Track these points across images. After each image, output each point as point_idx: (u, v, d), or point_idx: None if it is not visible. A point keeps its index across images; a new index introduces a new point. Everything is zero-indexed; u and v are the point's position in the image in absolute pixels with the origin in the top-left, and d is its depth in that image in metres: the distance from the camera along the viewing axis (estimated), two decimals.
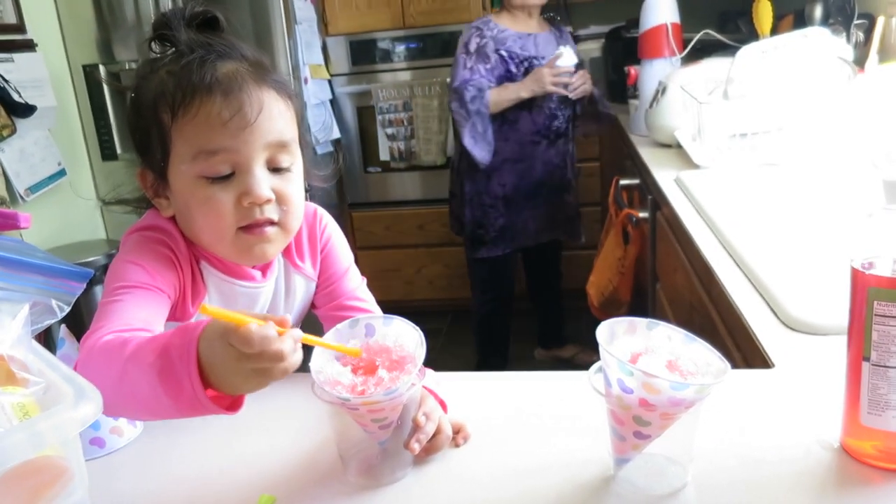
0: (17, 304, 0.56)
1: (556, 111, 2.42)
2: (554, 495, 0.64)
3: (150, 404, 0.63)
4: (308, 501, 0.66)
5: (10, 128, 2.53)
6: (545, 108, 2.40)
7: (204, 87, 0.75)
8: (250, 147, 0.76)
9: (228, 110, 0.74)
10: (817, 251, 1.15)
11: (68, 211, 2.81)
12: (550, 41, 2.44)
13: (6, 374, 0.52)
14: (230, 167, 0.76)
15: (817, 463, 0.66)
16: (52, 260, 0.59)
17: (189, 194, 0.78)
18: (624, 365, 0.58)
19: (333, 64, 3.24)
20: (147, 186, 0.83)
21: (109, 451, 0.77)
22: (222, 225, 0.77)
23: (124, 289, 0.74)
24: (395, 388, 0.62)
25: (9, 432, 0.47)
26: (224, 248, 0.80)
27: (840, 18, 1.91)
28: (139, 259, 0.78)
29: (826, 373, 0.79)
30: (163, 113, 0.76)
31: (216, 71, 0.76)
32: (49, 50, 2.76)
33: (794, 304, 0.97)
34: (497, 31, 2.37)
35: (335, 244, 0.93)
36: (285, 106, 0.80)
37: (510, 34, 2.38)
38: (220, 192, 0.76)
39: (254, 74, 0.78)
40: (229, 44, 0.80)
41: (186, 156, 0.76)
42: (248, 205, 0.76)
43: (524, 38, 2.40)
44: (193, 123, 0.75)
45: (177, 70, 0.76)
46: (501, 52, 2.35)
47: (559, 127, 2.45)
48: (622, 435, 0.62)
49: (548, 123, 2.42)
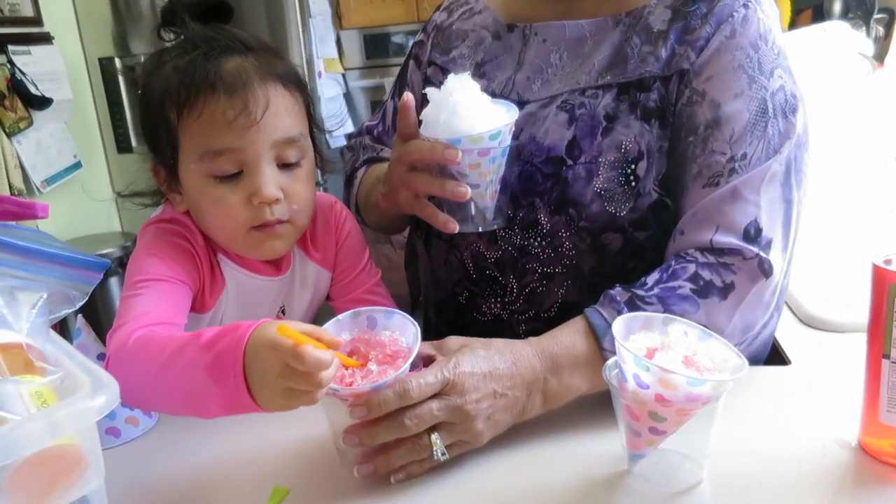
0: (34, 293, 0.57)
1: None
2: (567, 490, 0.64)
3: (189, 400, 0.64)
4: (321, 493, 0.66)
5: (27, 120, 2.55)
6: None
7: (208, 85, 0.74)
8: (257, 146, 0.75)
9: (233, 109, 0.74)
10: (835, 248, 1.14)
11: (83, 203, 2.83)
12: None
13: (25, 362, 0.52)
14: (238, 166, 0.76)
15: (834, 461, 0.65)
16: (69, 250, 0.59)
17: (199, 193, 0.78)
18: (640, 360, 0.58)
19: (347, 58, 3.24)
20: (161, 181, 0.83)
21: (125, 441, 0.78)
22: (233, 225, 0.77)
23: (145, 282, 0.75)
24: (382, 382, 0.63)
25: (27, 420, 0.47)
26: (236, 245, 0.81)
27: (860, 12, 1.89)
28: (158, 251, 0.78)
29: (843, 370, 0.79)
30: (169, 111, 0.76)
31: (220, 68, 0.75)
32: (66, 43, 2.78)
33: (811, 301, 0.96)
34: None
35: (352, 238, 0.92)
36: (293, 100, 0.79)
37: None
38: (229, 193, 0.76)
39: (259, 69, 0.76)
40: (234, 36, 0.78)
41: (193, 155, 0.76)
42: (257, 204, 0.76)
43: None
44: (199, 123, 0.75)
45: (182, 66, 0.76)
46: None
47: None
48: (637, 430, 0.62)
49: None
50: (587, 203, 0.81)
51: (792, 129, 0.78)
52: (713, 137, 0.78)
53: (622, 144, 0.81)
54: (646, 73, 0.82)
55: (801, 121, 0.79)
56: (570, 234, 0.83)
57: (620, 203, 0.81)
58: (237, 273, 0.84)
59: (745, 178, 0.76)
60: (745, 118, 0.77)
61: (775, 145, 0.77)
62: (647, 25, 0.83)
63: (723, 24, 0.79)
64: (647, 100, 0.81)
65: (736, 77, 0.78)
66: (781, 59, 0.80)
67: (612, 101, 0.83)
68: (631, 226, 0.82)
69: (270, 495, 0.65)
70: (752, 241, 0.74)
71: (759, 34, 0.79)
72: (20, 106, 2.51)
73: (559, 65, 0.88)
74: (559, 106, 0.85)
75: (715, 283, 0.74)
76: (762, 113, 0.77)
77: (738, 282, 0.74)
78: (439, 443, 0.65)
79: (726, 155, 0.77)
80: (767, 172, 0.76)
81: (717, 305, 0.73)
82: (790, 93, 0.79)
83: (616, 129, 0.82)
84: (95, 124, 2.98)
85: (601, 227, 0.82)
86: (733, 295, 0.74)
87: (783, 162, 0.77)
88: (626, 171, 0.81)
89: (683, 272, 0.74)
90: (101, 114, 2.96)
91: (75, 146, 2.76)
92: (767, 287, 0.75)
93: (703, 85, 0.79)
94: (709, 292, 0.73)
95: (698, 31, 0.80)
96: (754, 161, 0.76)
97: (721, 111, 0.78)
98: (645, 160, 0.81)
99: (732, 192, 0.76)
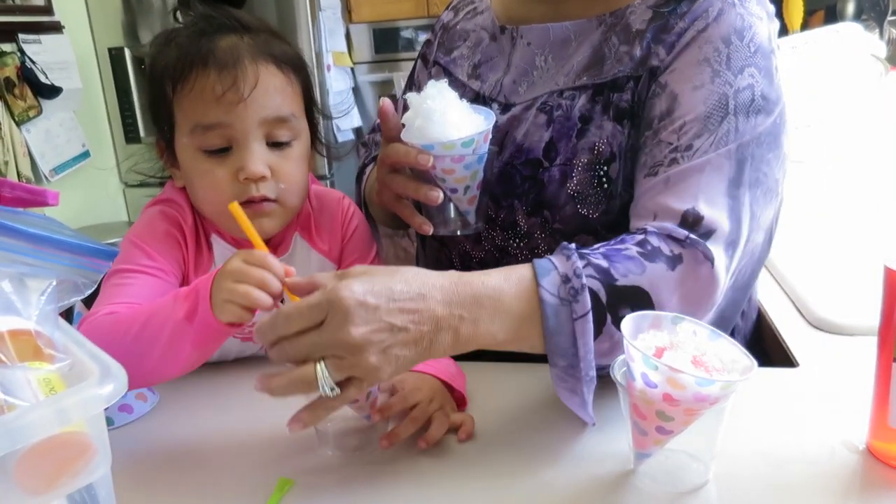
0: (43, 280, 0.57)
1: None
2: (572, 489, 0.63)
3: (165, 347, 0.67)
4: (326, 486, 0.66)
5: (37, 108, 2.56)
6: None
7: (200, 60, 0.76)
8: (245, 122, 0.76)
9: (221, 84, 0.75)
10: (845, 250, 1.14)
11: (91, 192, 2.84)
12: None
13: (33, 349, 0.52)
14: (226, 141, 0.77)
15: (842, 465, 0.64)
16: (79, 237, 0.59)
17: (190, 167, 0.80)
18: (649, 359, 0.58)
19: (356, 52, 3.24)
20: (162, 156, 0.85)
21: (138, 416, 0.80)
22: (220, 199, 0.78)
23: (127, 272, 0.77)
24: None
25: (35, 407, 0.47)
26: (223, 220, 0.82)
27: (873, 14, 1.87)
28: (144, 241, 0.80)
29: (852, 373, 0.78)
30: (166, 85, 0.78)
31: (214, 44, 0.77)
32: (76, 32, 2.78)
33: (820, 304, 0.96)
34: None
35: (360, 233, 0.92)
36: (286, 80, 0.80)
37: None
38: (217, 167, 0.78)
39: (252, 48, 0.78)
40: (233, 16, 0.80)
41: (185, 129, 0.78)
42: (243, 180, 0.77)
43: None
44: (190, 97, 0.77)
45: (181, 42, 0.78)
46: None
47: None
48: (644, 429, 0.61)
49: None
50: (561, 205, 0.82)
51: (751, 129, 0.75)
52: (663, 128, 0.76)
53: (595, 146, 0.80)
54: (619, 74, 0.81)
55: (766, 123, 0.76)
56: (545, 236, 0.83)
57: (593, 205, 0.81)
58: (228, 254, 0.83)
59: (685, 167, 0.73)
60: (699, 111, 0.75)
61: (727, 142, 0.74)
62: (627, 25, 0.82)
63: (697, 20, 0.78)
64: (620, 100, 0.80)
65: (699, 70, 0.76)
66: (759, 58, 0.77)
67: (587, 102, 0.82)
68: (603, 228, 0.81)
69: (276, 487, 0.65)
70: (689, 228, 0.71)
71: (734, 29, 0.77)
72: (30, 94, 2.52)
73: (544, 67, 0.88)
74: (539, 108, 0.85)
75: (663, 251, 0.70)
76: (720, 107, 0.74)
77: (686, 257, 0.69)
78: (325, 374, 0.59)
79: (672, 145, 0.75)
80: (708, 165, 0.73)
81: (663, 275, 0.68)
82: (760, 93, 0.76)
83: (590, 130, 0.81)
84: (104, 114, 2.99)
85: (574, 229, 0.82)
86: (680, 269, 0.69)
87: (732, 156, 0.73)
88: (599, 172, 0.80)
89: (632, 238, 0.71)
90: (110, 103, 2.97)
91: (84, 135, 2.77)
92: (713, 280, 0.70)
93: (667, 77, 0.78)
94: (656, 257, 0.69)
95: (675, 28, 0.79)
96: (699, 154, 0.73)
97: (676, 102, 0.76)
98: (617, 162, 0.80)
99: (666, 179, 0.74)
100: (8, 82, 2.44)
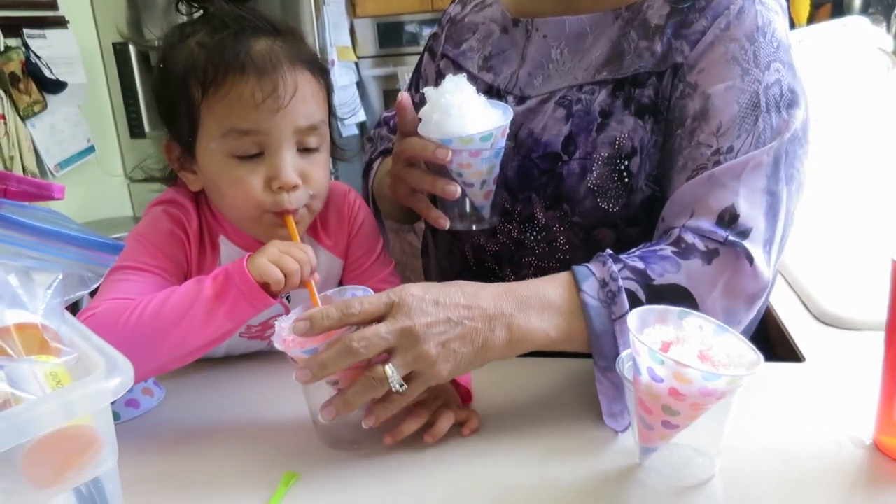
0: (50, 274, 0.57)
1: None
2: (577, 483, 0.63)
3: (197, 322, 0.69)
4: (331, 480, 0.66)
5: (42, 103, 2.56)
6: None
7: (237, 66, 0.74)
8: (281, 130, 0.75)
9: (262, 92, 0.74)
10: (851, 244, 1.13)
11: (96, 187, 2.84)
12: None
13: (40, 342, 0.52)
14: (259, 148, 0.76)
15: (848, 460, 0.64)
16: (85, 231, 0.59)
17: (217, 172, 0.78)
18: (655, 353, 0.57)
19: (360, 46, 3.24)
20: (173, 159, 0.83)
21: (144, 411, 0.80)
22: (250, 206, 0.78)
23: (130, 269, 0.76)
24: (316, 348, 0.64)
25: (41, 400, 0.47)
26: (251, 226, 0.81)
27: (880, 8, 1.86)
28: (147, 240, 0.79)
29: (858, 368, 0.78)
30: (193, 87, 0.76)
31: (250, 49, 0.75)
32: (80, 27, 2.79)
33: (826, 298, 0.96)
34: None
35: (367, 227, 0.92)
36: (318, 86, 0.80)
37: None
38: (248, 174, 0.76)
39: (288, 53, 0.77)
40: (262, 17, 0.79)
41: (216, 133, 0.76)
42: (276, 189, 0.76)
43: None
44: (225, 102, 0.75)
45: (209, 44, 0.76)
46: None
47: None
48: (650, 424, 0.61)
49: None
50: (580, 198, 0.82)
51: (785, 124, 0.76)
52: (700, 129, 0.77)
53: (616, 140, 0.81)
54: (641, 69, 0.81)
55: (798, 117, 0.77)
56: (563, 230, 0.84)
57: (613, 199, 0.81)
58: (236, 256, 0.83)
59: (727, 166, 0.74)
60: (734, 110, 0.75)
61: (765, 139, 0.75)
62: (645, 20, 0.82)
63: (719, 17, 0.78)
64: (642, 95, 0.81)
65: (728, 69, 0.77)
66: (782, 53, 0.78)
67: (608, 97, 0.82)
68: (623, 221, 0.82)
69: (281, 481, 0.66)
70: (725, 227, 0.72)
71: (757, 26, 0.77)
72: (35, 89, 2.53)
73: (560, 60, 0.88)
74: (557, 102, 0.85)
75: (697, 247, 0.71)
76: (753, 106, 0.75)
77: (722, 251, 0.71)
78: (394, 373, 0.64)
79: (712, 147, 0.76)
80: (751, 161, 0.74)
81: (700, 270, 0.70)
82: (787, 87, 0.77)
83: (610, 125, 0.81)
84: (109, 109, 2.99)
85: (594, 222, 0.82)
86: (717, 262, 0.71)
87: (771, 153, 0.74)
88: (620, 167, 0.80)
89: (667, 238, 0.74)
90: (115, 98, 2.98)
91: (89, 130, 2.77)
92: (755, 275, 0.72)
93: (696, 77, 0.78)
94: (691, 254, 0.71)
95: (695, 24, 0.79)
96: (741, 154, 0.74)
97: (710, 103, 0.77)
98: (638, 156, 0.80)
99: (709, 177, 0.74)
100: (13, 77, 2.44)
